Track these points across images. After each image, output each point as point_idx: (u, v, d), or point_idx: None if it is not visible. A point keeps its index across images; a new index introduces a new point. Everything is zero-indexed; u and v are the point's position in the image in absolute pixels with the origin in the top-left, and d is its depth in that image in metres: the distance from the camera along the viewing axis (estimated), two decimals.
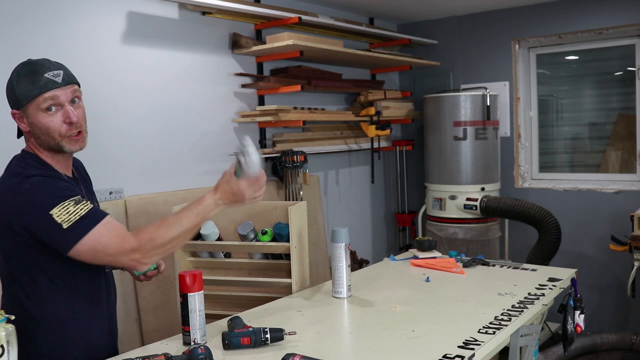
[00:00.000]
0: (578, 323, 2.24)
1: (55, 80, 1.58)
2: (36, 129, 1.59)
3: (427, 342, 1.66)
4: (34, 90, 1.56)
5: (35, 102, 1.56)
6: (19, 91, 1.57)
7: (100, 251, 1.51)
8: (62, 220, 1.48)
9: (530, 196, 4.41)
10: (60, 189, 1.54)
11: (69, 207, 1.50)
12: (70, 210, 1.50)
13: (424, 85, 4.78)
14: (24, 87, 1.56)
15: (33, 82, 1.56)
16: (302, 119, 3.60)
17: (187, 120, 3.29)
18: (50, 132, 1.58)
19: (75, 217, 1.49)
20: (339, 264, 2.10)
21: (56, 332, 1.60)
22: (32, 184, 1.52)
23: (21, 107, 1.58)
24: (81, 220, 1.50)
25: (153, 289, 2.98)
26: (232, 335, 1.65)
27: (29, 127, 1.60)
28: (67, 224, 1.48)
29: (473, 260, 2.55)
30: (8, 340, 1.32)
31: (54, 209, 1.48)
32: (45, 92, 1.56)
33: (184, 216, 1.61)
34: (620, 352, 3.87)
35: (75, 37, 2.74)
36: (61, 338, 1.61)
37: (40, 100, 1.56)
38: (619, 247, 3.60)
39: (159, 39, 3.12)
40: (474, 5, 4.35)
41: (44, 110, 1.57)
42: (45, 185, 1.53)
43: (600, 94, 4.43)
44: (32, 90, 1.56)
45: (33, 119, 1.58)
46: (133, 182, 3.00)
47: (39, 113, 1.57)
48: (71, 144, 1.62)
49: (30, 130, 1.60)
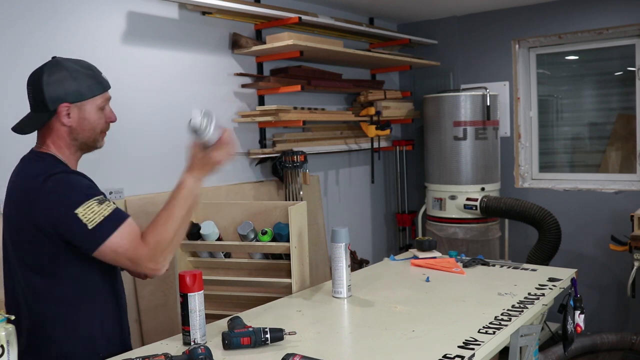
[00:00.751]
0: (578, 323, 2.24)
1: (109, 83, 1.71)
2: (85, 124, 1.63)
3: (427, 342, 1.66)
4: (98, 87, 1.64)
5: (95, 99, 1.64)
6: (83, 86, 1.61)
7: (121, 254, 1.53)
8: (87, 220, 1.50)
9: (530, 196, 4.41)
10: (84, 187, 1.56)
11: (94, 206, 1.51)
12: (95, 210, 1.51)
13: (424, 85, 4.78)
14: (88, 84, 1.62)
15: (97, 81, 1.65)
16: (302, 119, 3.60)
17: (187, 120, 3.28)
18: (96, 129, 1.66)
19: (99, 218, 1.51)
20: (339, 264, 2.10)
21: (78, 331, 1.61)
22: (55, 181, 1.53)
23: (79, 100, 1.61)
24: (105, 221, 1.51)
25: (153, 289, 2.98)
26: (232, 335, 1.65)
27: (74, 122, 1.62)
28: (92, 224, 1.50)
29: (473, 260, 2.55)
30: (8, 340, 1.32)
31: (79, 208, 1.50)
32: (106, 92, 1.68)
33: (174, 206, 1.63)
34: (620, 352, 3.87)
35: (75, 37, 2.75)
36: (83, 337, 1.62)
37: (100, 98, 1.65)
38: (619, 247, 3.60)
39: (159, 39, 3.12)
40: (474, 5, 4.35)
41: (100, 109, 1.66)
42: (69, 183, 1.55)
43: (600, 94, 4.43)
44: (96, 87, 1.64)
45: (87, 114, 1.63)
46: (133, 182, 3.00)
47: (95, 110, 1.65)
48: (102, 140, 1.72)
49: (73, 125, 1.62)
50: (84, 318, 1.62)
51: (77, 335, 1.61)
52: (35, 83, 1.61)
